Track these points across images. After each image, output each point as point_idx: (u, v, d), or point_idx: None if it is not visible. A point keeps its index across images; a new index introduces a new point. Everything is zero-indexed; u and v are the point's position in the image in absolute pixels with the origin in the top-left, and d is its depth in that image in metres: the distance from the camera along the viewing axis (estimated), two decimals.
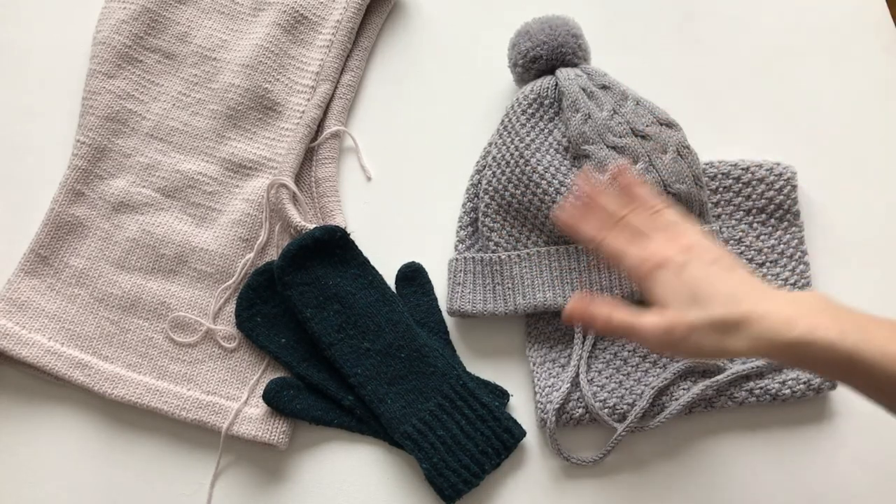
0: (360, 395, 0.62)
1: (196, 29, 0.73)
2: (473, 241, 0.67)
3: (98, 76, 0.70)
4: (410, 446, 0.61)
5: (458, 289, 0.65)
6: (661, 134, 0.64)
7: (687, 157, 0.64)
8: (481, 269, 0.65)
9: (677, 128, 0.65)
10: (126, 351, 0.65)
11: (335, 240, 0.65)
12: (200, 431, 0.63)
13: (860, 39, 0.76)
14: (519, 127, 0.65)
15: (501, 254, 0.65)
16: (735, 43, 0.76)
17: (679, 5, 0.78)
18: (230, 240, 0.68)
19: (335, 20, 0.74)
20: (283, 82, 0.72)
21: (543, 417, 0.62)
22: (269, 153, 0.70)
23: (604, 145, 0.64)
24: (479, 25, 0.77)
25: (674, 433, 0.63)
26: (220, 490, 0.62)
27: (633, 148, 0.63)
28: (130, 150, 0.70)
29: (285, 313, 0.65)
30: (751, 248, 0.67)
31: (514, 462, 0.63)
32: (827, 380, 0.62)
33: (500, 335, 0.66)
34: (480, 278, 0.65)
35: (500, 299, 0.64)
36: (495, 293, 0.65)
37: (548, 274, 0.64)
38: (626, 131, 0.64)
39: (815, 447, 0.63)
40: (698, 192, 0.64)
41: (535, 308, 0.64)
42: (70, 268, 0.66)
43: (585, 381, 0.62)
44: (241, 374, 0.65)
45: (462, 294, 0.65)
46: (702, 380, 0.62)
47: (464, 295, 0.65)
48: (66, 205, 0.67)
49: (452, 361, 0.64)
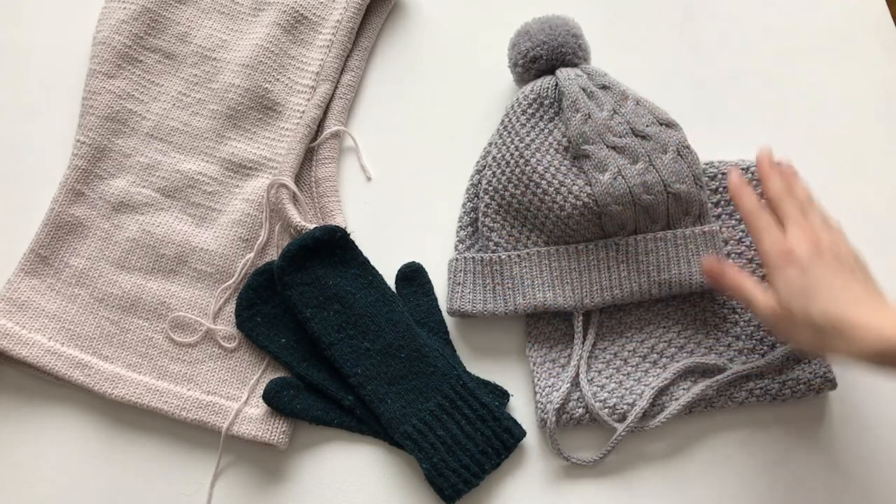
0: (360, 395, 0.62)
1: (196, 29, 0.73)
2: (473, 241, 0.67)
3: (98, 76, 0.70)
4: (410, 446, 0.61)
5: (457, 289, 0.65)
6: (661, 134, 0.64)
7: (687, 157, 0.64)
8: (481, 269, 0.65)
9: (677, 128, 0.65)
10: (126, 351, 0.65)
11: (335, 240, 0.65)
12: (200, 431, 0.63)
13: (860, 39, 0.76)
14: (519, 127, 0.65)
15: (501, 254, 0.65)
16: (735, 43, 0.76)
17: (679, 5, 0.78)
18: (230, 240, 0.68)
19: (335, 20, 0.74)
20: (283, 82, 0.72)
21: (543, 417, 0.62)
22: (269, 153, 0.70)
23: (604, 145, 0.64)
24: (479, 25, 0.77)
25: (674, 433, 0.63)
26: (220, 490, 0.62)
27: (633, 148, 0.63)
28: (130, 150, 0.70)
29: (285, 313, 0.65)
30: (751, 247, 0.67)
31: (514, 462, 0.63)
32: (829, 379, 0.62)
33: (500, 335, 0.66)
34: (480, 278, 0.65)
35: (500, 299, 0.64)
36: (495, 293, 0.65)
37: (548, 274, 0.64)
38: (626, 131, 0.64)
39: (814, 447, 0.63)
40: (698, 192, 0.64)
41: (535, 308, 0.63)
42: (70, 268, 0.66)
43: (585, 381, 0.62)
44: (241, 374, 0.65)
45: (462, 294, 0.65)
46: (702, 380, 0.62)
47: (464, 295, 0.65)
48: (66, 205, 0.67)
49: (452, 361, 0.64)
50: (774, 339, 0.64)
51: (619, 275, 0.63)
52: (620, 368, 0.64)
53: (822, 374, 0.62)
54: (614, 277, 0.63)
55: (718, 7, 0.78)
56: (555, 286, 0.64)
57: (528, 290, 0.64)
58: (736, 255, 0.67)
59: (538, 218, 0.65)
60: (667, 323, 0.65)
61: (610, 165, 0.63)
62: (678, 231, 0.64)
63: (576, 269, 0.64)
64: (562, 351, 0.64)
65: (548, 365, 0.64)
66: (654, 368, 0.63)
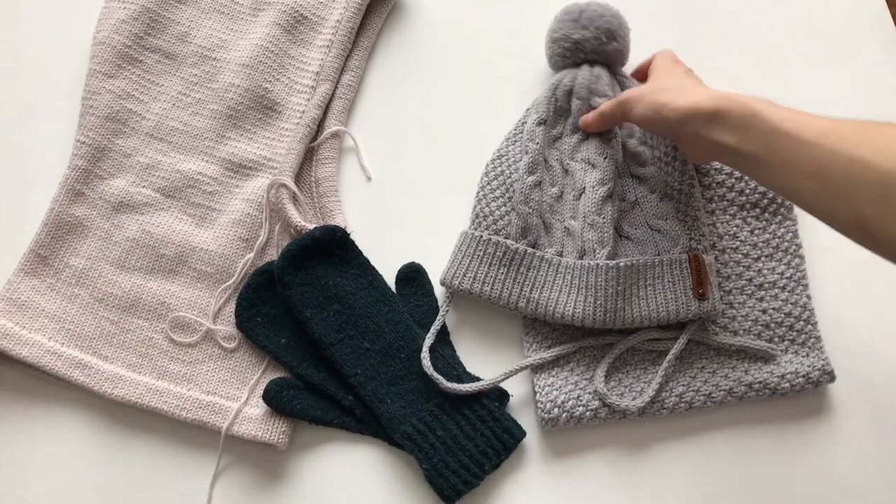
0: (360, 395, 0.62)
1: (196, 29, 0.73)
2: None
3: (98, 76, 0.70)
4: (410, 446, 0.61)
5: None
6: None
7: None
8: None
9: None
10: (126, 351, 0.65)
11: (335, 240, 0.65)
12: (200, 431, 0.63)
13: (860, 39, 0.76)
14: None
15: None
16: (735, 43, 0.76)
17: (679, 5, 0.78)
18: (230, 240, 0.68)
19: (335, 20, 0.74)
20: (283, 82, 0.72)
21: (544, 417, 0.62)
22: (269, 153, 0.70)
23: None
24: (480, 25, 0.77)
25: (673, 430, 0.63)
26: (220, 490, 0.62)
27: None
28: (130, 150, 0.70)
29: (285, 313, 0.65)
30: (745, 242, 0.67)
31: (514, 462, 0.63)
32: (827, 372, 0.62)
33: (500, 335, 0.66)
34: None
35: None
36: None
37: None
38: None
39: (814, 441, 0.63)
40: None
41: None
42: (70, 268, 0.66)
43: (602, 378, 0.62)
44: (241, 374, 0.65)
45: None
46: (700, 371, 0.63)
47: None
48: (66, 205, 0.67)
49: (452, 362, 0.64)
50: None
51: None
52: (620, 368, 0.64)
53: (821, 367, 0.62)
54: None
55: (718, 7, 0.78)
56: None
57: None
58: (731, 250, 0.67)
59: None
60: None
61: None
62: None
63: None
64: (560, 350, 0.64)
65: (547, 365, 0.64)
66: (653, 367, 0.64)
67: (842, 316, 0.66)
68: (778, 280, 0.66)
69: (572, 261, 0.63)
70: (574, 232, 0.64)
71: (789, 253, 0.66)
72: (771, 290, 0.66)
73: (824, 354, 0.64)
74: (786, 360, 0.63)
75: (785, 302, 0.65)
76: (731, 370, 0.63)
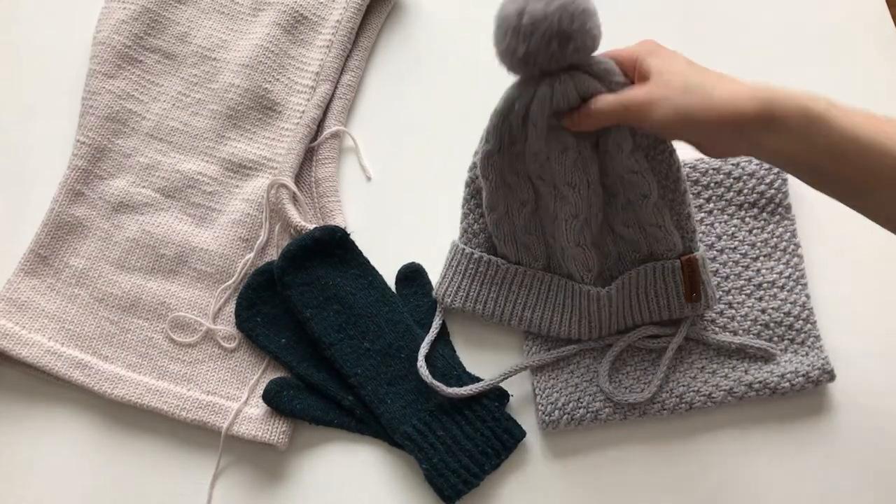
0: (360, 395, 0.62)
1: (196, 29, 0.73)
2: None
3: (98, 76, 0.70)
4: (410, 446, 0.61)
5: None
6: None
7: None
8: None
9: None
10: (126, 351, 0.65)
11: (335, 240, 0.65)
12: (200, 431, 0.63)
13: (860, 39, 0.76)
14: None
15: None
16: (735, 43, 0.76)
17: (679, 5, 0.78)
18: (230, 240, 0.68)
19: (335, 20, 0.74)
20: (283, 82, 0.72)
21: (544, 419, 0.62)
22: (269, 153, 0.70)
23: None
24: (480, 25, 0.77)
25: (673, 430, 0.63)
26: (220, 490, 0.62)
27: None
28: (130, 150, 0.70)
29: (285, 313, 0.65)
30: (744, 242, 0.67)
31: (514, 462, 0.63)
32: (827, 371, 0.62)
33: (500, 335, 0.66)
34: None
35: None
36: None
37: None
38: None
39: (814, 440, 0.63)
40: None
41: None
42: (70, 268, 0.66)
43: (606, 378, 0.62)
44: (241, 374, 0.65)
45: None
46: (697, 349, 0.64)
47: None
48: (66, 205, 0.67)
49: (452, 362, 0.64)
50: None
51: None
52: (620, 369, 0.64)
53: (821, 366, 0.62)
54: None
55: (718, 7, 0.78)
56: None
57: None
58: (730, 250, 0.67)
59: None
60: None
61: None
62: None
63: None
64: (560, 352, 0.64)
65: (547, 367, 0.64)
66: (653, 367, 0.64)
67: (841, 315, 0.66)
68: (777, 279, 0.66)
69: (564, 281, 0.63)
70: (554, 252, 0.63)
71: (788, 252, 0.67)
72: (770, 290, 0.66)
73: (824, 353, 0.64)
74: (785, 360, 0.64)
75: (784, 301, 0.65)
76: (731, 370, 0.63)
